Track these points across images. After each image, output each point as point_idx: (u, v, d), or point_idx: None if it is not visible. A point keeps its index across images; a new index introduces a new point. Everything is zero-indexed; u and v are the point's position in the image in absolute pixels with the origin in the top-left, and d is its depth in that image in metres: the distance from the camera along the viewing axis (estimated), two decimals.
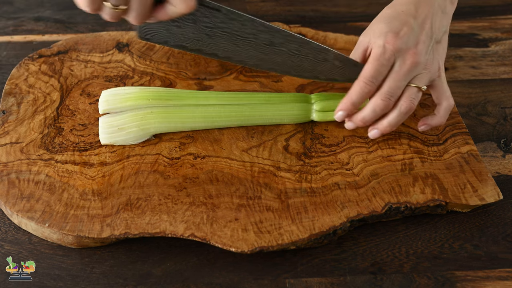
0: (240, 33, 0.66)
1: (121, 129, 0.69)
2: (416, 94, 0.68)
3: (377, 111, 0.68)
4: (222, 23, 0.65)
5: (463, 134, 0.73)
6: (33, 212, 0.63)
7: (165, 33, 0.66)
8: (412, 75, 0.67)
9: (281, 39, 0.67)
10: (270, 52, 0.68)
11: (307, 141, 0.72)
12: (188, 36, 0.66)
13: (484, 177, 0.68)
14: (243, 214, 0.64)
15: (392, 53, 0.66)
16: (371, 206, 0.65)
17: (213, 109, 0.72)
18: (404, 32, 0.66)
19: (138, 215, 0.63)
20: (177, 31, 0.65)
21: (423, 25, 0.68)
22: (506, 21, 0.94)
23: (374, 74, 0.67)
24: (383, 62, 0.66)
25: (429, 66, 0.68)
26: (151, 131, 0.70)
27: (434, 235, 0.65)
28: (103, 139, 0.70)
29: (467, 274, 0.61)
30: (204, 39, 0.66)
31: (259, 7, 0.98)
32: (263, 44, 0.68)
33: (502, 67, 0.86)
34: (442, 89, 0.70)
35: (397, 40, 0.66)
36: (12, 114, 0.74)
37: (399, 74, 0.67)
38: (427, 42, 0.67)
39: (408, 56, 0.66)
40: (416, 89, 0.68)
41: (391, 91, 0.67)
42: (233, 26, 0.66)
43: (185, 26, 0.65)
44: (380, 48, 0.66)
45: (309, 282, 0.61)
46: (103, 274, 0.62)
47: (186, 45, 0.67)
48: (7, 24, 0.95)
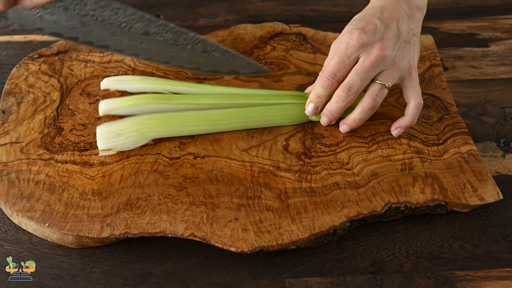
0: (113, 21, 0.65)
1: (119, 135, 0.69)
2: (380, 91, 0.69)
3: (340, 103, 0.69)
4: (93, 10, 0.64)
5: (463, 134, 0.73)
6: (33, 212, 0.63)
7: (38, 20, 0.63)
8: (377, 69, 0.68)
9: (155, 29, 0.66)
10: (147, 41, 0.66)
11: (307, 141, 0.72)
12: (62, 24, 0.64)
13: (484, 177, 0.68)
14: (243, 214, 0.64)
15: (355, 48, 0.67)
16: (371, 206, 0.65)
17: (212, 113, 0.72)
18: (369, 28, 0.68)
19: (138, 215, 0.63)
20: (50, 18, 0.63)
21: (388, 25, 0.69)
22: (506, 21, 0.94)
23: (334, 68, 0.68)
24: (343, 58, 0.68)
25: (398, 62, 0.68)
26: (150, 135, 0.70)
27: (434, 235, 0.65)
28: (101, 144, 0.68)
29: (467, 274, 0.62)
30: (79, 28, 0.64)
31: (259, 6, 0.98)
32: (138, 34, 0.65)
33: (502, 67, 0.86)
34: (412, 88, 0.70)
35: (361, 35, 0.67)
36: (12, 114, 0.74)
37: (362, 67, 0.67)
38: (394, 39, 0.68)
39: (374, 49, 0.67)
40: (379, 86, 0.69)
41: (352, 82, 0.68)
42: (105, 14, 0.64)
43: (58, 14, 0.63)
44: (343, 44, 0.68)
45: (309, 282, 0.61)
46: (103, 273, 0.62)
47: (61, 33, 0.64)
48: (7, 23, 0.95)
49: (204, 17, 0.96)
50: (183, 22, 0.95)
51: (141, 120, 0.70)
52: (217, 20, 0.95)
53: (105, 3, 0.64)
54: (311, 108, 0.72)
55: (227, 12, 0.97)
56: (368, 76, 0.68)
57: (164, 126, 0.70)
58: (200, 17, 0.96)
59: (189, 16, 0.96)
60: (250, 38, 0.87)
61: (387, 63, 0.68)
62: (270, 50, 0.84)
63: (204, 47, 0.68)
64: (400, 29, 0.69)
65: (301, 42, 0.86)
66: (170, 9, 0.97)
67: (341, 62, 0.68)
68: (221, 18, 0.95)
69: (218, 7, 0.97)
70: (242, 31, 0.87)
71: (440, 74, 0.82)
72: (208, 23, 0.94)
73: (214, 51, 0.68)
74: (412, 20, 0.71)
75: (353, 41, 0.67)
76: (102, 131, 0.69)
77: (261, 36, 0.87)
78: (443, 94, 0.79)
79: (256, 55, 0.84)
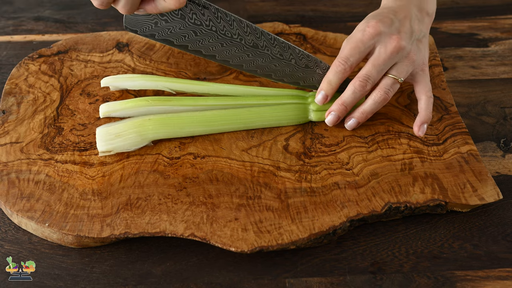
0: (226, 32, 0.68)
1: (118, 136, 0.69)
2: (392, 85, 0.69)
3: (356, 93, 0.69)
4: (209, 21, 0.67)
5: (463, 134, 0.73)
6: (33, 212, 0.63)
7: (153, 26, 0.66)
8: (393, 61, 0.68)
9: (265, 42, 0.69)
10: (253, 54, 0.70)
11: (307, 141, 0.72)
12: (175, 31, 0.67)
13: (483, 177, 0.68)
14: (243, 214, 0.64)
15: (371, 36, 0.67)
16: (371, 205, 0.65)
17: (212, 114, 0.72)
18: (385, 21, 0.68)
19: (138, 215, 0.63)
20: (164, 25, 0.66)
21: (403, 22, 0.69)
22: (506, 21, 0.94)
23: (348, 54, 0.68)
24: (358, 44, 0.68)
25: (412, 56, 0.69)
26: (149, 137, 0.70)
27: (434, 235, 0.65)
28: (101, 146, 0.68)
29: (467, 274, 0.62)
30: (191, 35, 0.67)
31: (259, 6, 0.98)
32: (247, 45, 0.69)
33: (502, 67, 0.86)
34: (424, 84, 0.71)
35: (378, 23, 0.67)
36: (12, 114, 0.74)
37: (378, 58, 0.68)
38: (409, 34, 0.69)
39: (391, 40, 0.67)
40: (392, 80, 0.69)
41: (368, 73, 0.68)
42: (219, 25, 0.67)
43: (173, 21, 0.66)
44: (360, 32, 0.68)
45: (309, 282, 0.61)
46: (103, 273, 0.62)
47: (172, 40, 0.68)
48: (7, 24, 0.95)
49: None
50: None
51: (140, 121, 0.70)
52: None
53: (222, 15, 0.67)
54: (321, 96, 0.71)
55: None
56: (384, 68, 0.68)
57: (164, 128, 0.70)
58: None
59: None
60: None
61: (402, 55, 0.68)
62: None
63: (307, 62, 0.71)
64: (413, 28, 0.70)
65: (301, 42, 0.86)
66: None
67: (356, 48, 0.68)
68: None
69: None
70: None
71: (440, 74, 0.82)
72: None
73: (316, 67, 0.72)
74: (422, 23, 0.72)
75: (370, 28, 0.67)
76: (101, 132, 0.69)
77: None
78: (443, 94, 0.79)
79: None
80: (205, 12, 0.66)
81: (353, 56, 0.68)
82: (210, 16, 0.66)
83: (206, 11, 0.66)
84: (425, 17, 0.72)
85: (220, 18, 0.67)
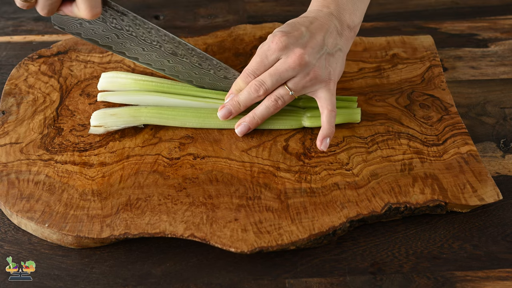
0: (145, 38, 0.71)
1: (113, 115, 0.71)
2: (284, 95, 0.69)
3: (251, 94, 0.70)
4: (129, 26, 0.70)
5: (463, 134, 0.73)
6: (33, 212, 0.63)
7: (78, 26, 0.70)
8: (291, 73, 0.68)
9: (183, 51, 0.72)
10: (173, 61, 0.73)
11: (306, 141, 0.72)
12: (99, 32, 0.70)
13: (483, 177, 0.68)
14: (242, 215, 0.64)
15: (275, 50, 0.67)
16: (370, 206, 0.65)
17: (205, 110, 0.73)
18: (293, 34, 0.68)
19: (137, 215, 0.63)
20: (88, 26, 0.70)
21: (314, 35, 0.68)
22: (505, 21, 0.94)
23: (253, 68, 0.69)
24: (263, 58, 0.68)
25: (316, 71, 0.68)
26: (142, 120, 0.72)
27: (433, 235, 0.65)
28: (94, 120, 0.71)
29: (466, 274, 0.62)
30: (113, 38, 0.71)
31: (258, 7, 0.98)
32: (167, 52, 0.72)
33: (502, 67, 0.86)
34: (325, 99, 0.69)
35: (282, 37, 0.67)
36: (12, 115, 0.74)
37: (277, 69, 0.68)
38: (317, 49, 0.68)
39: (293, 55, 0.67)
40: (285, 91, 0.69)
41: (264, 80, 0.68)
42: (138, 31, 0.70)
43: (96, 24, 0.69)
44: (265, 45, 0.69)
45: (309, 282, 0.61)
46: (103, 274, 0.62)
47: (97, 40, 0.71)
48: (7, 24, 0.95)
49: (204, 17, 0.96)
50: (183, 23, 0.95)
51: (137, 107, 0.72)
52: (216, 21, 0.95)
53: (140, 22, 0.70)
54: (225, 111, 0.71)
55: (227, 13, 0.97)
56: (280, 79, 0.68)
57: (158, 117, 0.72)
58: (200, 18, 0.96)
59: (189, 17, 0.96)
60: (250, 38, 0.87)
61: (304, 70, 0.67)
62: None
63: (226, 73, 0.74)
64: (325, 41, 0.69)
65: None
66: (170, 9, 0.97)
67: (261, 62, 0.69)
68: (221, 19, 0.95)
69: (218, 8, 0.97)
70: (242, 32, 0.87)
71: (440, 75, 0.82)
72: (208, 24, 0.94)
73: (234, 78, 0.74)
74: (340, 37, 0.70)
75: (274, 44, 0.67)
76: (98, 112, 0.71)
77: (261, 37, 0.87)
78: (443, 95, 0.79)
79: None
80: (124, 19, 0.69)
81: (259, 69, 0.69)
82: (129, 23, 0.70)
83: (125, 17, 0.69)
84: (345, 30, 0.71)
85: (139, 25, 0.70)
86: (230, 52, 0.84)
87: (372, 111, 0.76)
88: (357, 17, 0.72)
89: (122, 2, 0.97)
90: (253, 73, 0.69)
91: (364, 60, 0.83)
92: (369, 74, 0.81)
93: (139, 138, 0.72)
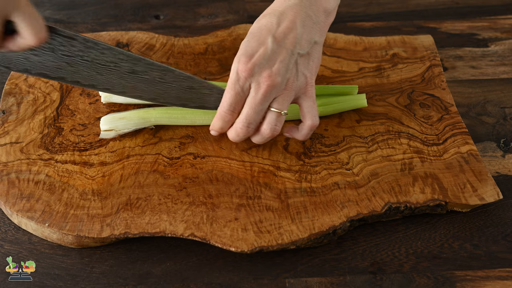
0: (100, 61, 0.66)
1: (122, 119, 0.71)
2: (277, 119, 0.65)
3: (241, 136, 0.67)
4: (80, 51, 0.65)
5: (463, 134, 0.73)
6: (33, 212, 0.63)
7: (25, 61, 0.64)
8: (270, 98, 0.64)
9: (143, 67, 0.67)
10: (133, 80, 0.67)
11: (306, 141, 0.72)
12: (48, 64, 0.64)
13: (483, 177, 0.68)
14: (243, 214, 0.64)
15: (245, 79, 0.63)
16: (371, 205, 0.65)
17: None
18: (258, 55, 0.63)
19: (138, 215, 0.63)
20: (36, 59, 0.64)
21: (283, 42, 0.64)
22: (505, 21, 0.94)
23: (231, 102, 0.65)
24: (238, 90, 0.64)
25: (290, 85, 0.64)
26: (152, 121, 0.71)
27: (433, 235, 0.65)
28: (103, 125, 0.70)
29: (466, 274, 0.62)
30: (65, 67, 0.65)
31: (258, 6, 0.98)
32: (125, 72, 0.67)
33: (502, 67, 0.86)
34: (307, 107, 0.66)
35: (248, 64, 0.63)
36: (12, 114, 0.74)
37: (255, 100, 0.64)
38: (287, 60, 0.63)
39: (263, 79, 0.63)
40: (276, 114, 0.65)
41: (249, 118, 0.65)
42: (91, 54, 0.65)
43: (44, 55, 0.64)
44: (234, 75, 0.64)
45: (309, 282, 0.61)
46: (103, 274, 0.62)
47: (48, 73, 0.65)
48: None
49: (204, 17, 0.96)
50: (183, 22, 0.95)
51: (146, 109, 0.71)
52: (217, 20, 0.95)
53: (92, 44, 0.64)
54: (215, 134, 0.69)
55: (227, 12, 0.97)
56: (262, 107, 0.64)
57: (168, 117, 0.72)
58: (200, 17, 0.96)
59: (189, 16, 0.96)
60: None
61: (279, 89, 0.64)
62: None
63: (191, 84, 0.68)
64: (298, 41, 0.64)
65: None
66: (170, 9, 0.97)
67: (236, 95, 0.64)
68: (221, 18, 0.95)
69: (218, 7, 0.97)
70: (242, 31, 0.87)
71: (440, 74, 0.82)
72: (208, 23, 0.94)
73: (202, 88, 0.69)
74: (315, 26, 0.65)
75: (242, 72, 0.63)
76: (106, 117, 0.71)
77: None
78: (443, 94, 0.79)
79: None
80: (74, 43, 0.64)
81: (238, 103, 0.65)
82: (80, 47, 0.64)
83: (75, 41, 0.64)
84: (321, 16, 0.66)
85: (91, 48, 0.65)
86: (230, 52, 0.84)
87: (372, 110, 0.76)
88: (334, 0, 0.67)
89: (122, 2, 0.98)
90: (233, 109, 0.65)
91: (364, 60, 0.83)
92: (369, 74, 0.81)
93: (139, 137, 0.72)
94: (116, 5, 0.97)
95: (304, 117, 0.67)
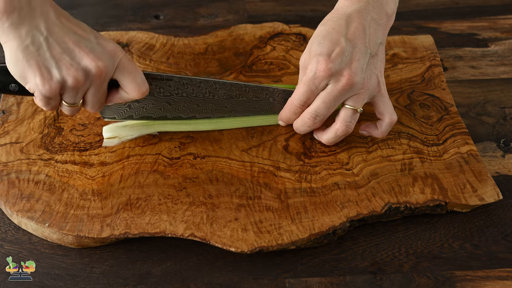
0: (197, 94, 0.69)
1: (125, 126, 0.70)
2: (352, 116, 0.67)
3: (306, 127, 0.69)
4: (177, 89, 0.68)
5: (463, 134, 0.73)
6: (33, 212, 0.63)
7: (128, 110, 0.68)
8: (346, 96, 0.66)
9: (238, 91, 0.70)
10: (230, 104, 0.71)
11: (307, 141, 0.72)
12: (149, 107, 0.69)
13: (483, 177, 0.68)
14: (243, 214, 0.64)
15: (322, 78, 0.65)
16: (370, 206, 0.65)
17: None
18: (336, 54, 0.64)
19: (138, 215, 0.63)
20: (138, 105, 0.68)
21: (355, 42, 0.65)
22: (505, 21, 0.94)
23: (303, 97, 0.67)
24: (312, 88, 0.66)
25: (366, 84, 0.66)
26: (155, 127, 0.71)
27: (433, 235, 0.65)
28: (107, 132, 0.70)
29: (466, 274, 0.62)
30: (165, 106, 0.69)
31: (258, 6, 0.98)
32: (222, 98, 0.70)
33: (502, 67, 0.86)
34: (384, 105, 0.68)
35: (328, 64, 0.64)
36: (12, 114, 0.74)
37: (330, 95, 0.65)
38: (362, 60, 0.65)
39: (342, 78, 0.64)
40: (351, 111, 0.67)
41: (318, 110, 0.66)
42: (188, 90, 0.69)
43: (144, 100, 0.68)
44: (311, 73, 0.65)
45: (309, 282, 0.61)
46: (103, 274, 0.62)
47: (151, 115, 0.69)
48: None
49: (204, 17, 0.96)
50: (183, 22, 0.95)
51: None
52: (217, 20, 0.95)
53: (187, 81, 0.68)
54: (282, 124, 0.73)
55: (227, 12, 0.97)
56: (335, 104, 0.66)
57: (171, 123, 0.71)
58: (200, 17, 0.96)
59: (189, 16, 0.96)
60: (250, 38, 0.87)
61: (356, 88, 0.65)
62: (270, 50, 0.84)
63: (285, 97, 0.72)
64: (367, 44, 0.66)
65: (301, 42, 0.86)
66: (170, 9, 0.97)
67: (310, 92, 0.66)
68: (221, 18, 0.95)
69: (218, 7, 0.97)
70: (242, 31, 0.87)
71: (440, 74, 0.82)
72: (208, 23, 0.94)
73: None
74: (379, 28, 0.68)
75: (321, 72, 0.64)
76: (109, 125, 0.70)
77: (261, 36, 0.87)
78: (443, 94, 0.79)
79: (256, 55, 0.84)
80: (171, 84, 0.68)
81: (309, 99, 0.67)
82: (176, 85, 0.68)
83: (171, 82, 0.67)
84: (383, 19, 0.68)
85: (187, 84, 0.68)
86: (230, 52, 0.84)
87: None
88: (394, 3, 0.69)
89: (122, 2, 0.98)
90: (304, 103, 0.67)
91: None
92: None
93: (139, 138, 0.72)
94: (116, 5, 0.97)
95: (382, 115, 0.69)
